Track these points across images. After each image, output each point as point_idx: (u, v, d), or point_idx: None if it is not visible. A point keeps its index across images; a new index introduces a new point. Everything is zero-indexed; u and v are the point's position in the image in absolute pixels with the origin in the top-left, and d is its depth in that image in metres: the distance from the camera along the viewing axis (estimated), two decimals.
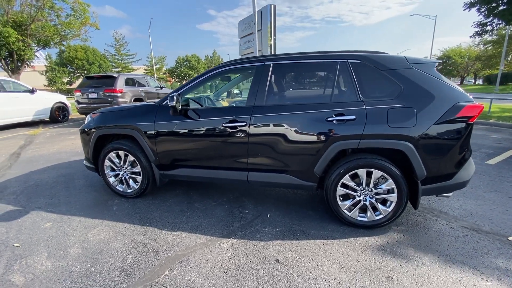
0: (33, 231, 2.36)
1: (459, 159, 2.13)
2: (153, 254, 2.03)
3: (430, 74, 2.15)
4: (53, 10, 15.50)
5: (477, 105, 2.06)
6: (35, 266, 1.90)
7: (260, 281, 1.73)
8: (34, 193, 3.21)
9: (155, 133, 2.67)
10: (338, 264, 1.90)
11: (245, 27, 14.81)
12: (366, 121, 2.14)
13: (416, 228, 2.35)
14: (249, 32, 14.19)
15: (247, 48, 14.77)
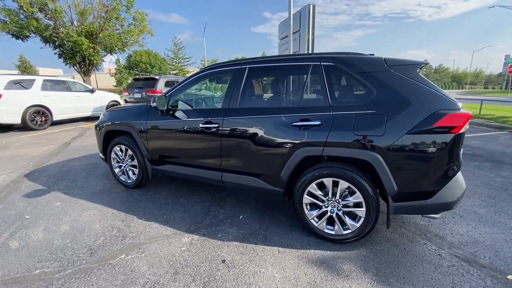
0: (45, 208, 2.84)
1: (440, 176, 1.84)
2: (121, 239, 2.25)
3: (410, 77, 1.90)
4: (118, 20, 17.85)
5: (462, 114, 1.75)
6: (31, 236, 2.30)
7: (196, 277, 1.79)
8: (62, 177, 3.82)
9: (146, 131, 2.94)
10: (282, 273, 1.84)
11: (285, 29, 14.77)
12: (331, 127, 2.01)
13: (393, 250, 2.11)
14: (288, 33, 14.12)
15: (286, 50, 14.72)
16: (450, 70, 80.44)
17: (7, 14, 12.88)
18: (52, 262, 1.95)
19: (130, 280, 1.77)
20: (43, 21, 14.24)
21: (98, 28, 15.96)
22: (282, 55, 2.41)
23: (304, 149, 2.11)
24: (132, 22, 18.48)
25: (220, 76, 2.59)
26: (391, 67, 1.96)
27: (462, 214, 2.68)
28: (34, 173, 3.99)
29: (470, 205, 2.87)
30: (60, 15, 14.59)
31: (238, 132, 2.39)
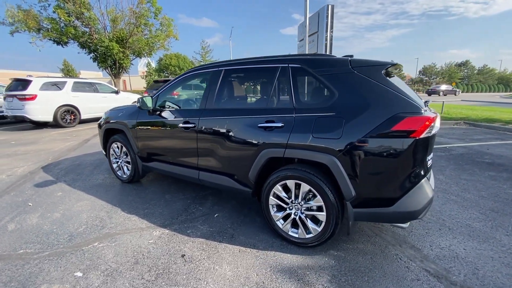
0: (47, 197, 3.15)
1: (400, 183, 1.74)
2: (100, 228, 2.44)
3: (373, 78, 1.83)
4: (147, 26, 18.97)
5: (422, 118, 1.64)
6: (27, 220, 2.58)
7: (152, 268, 1.89)
8: (71, 170, 4.19)
9: (135, 129, 3.14)
10: (234, 272, 1.87)
11: (303, 30, 14.62)
12: (292, 129, 2.00)
13: (358, 258, 2.03)
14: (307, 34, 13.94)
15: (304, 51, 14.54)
16: (496, 71, 73.34)
17: (49, 22, 14.41)
18: (35, 244, 2.18)
19: (93, 266, 1.92)
20: (80, 28, 15.67)
21: (127, 34, 17.14)
22: (256, 57, 2.44)
23: (268, 150, 2.12)
24: (159, 27, 19.52)
25: (201, 78, 2.69)
26: (355, 69, 1.90)
27: (452, 226, 2.49)
28: (50, 166, 4.42)
29: (465, 217, 2.64)
30: (95, 22, 15.94)
31: (212, 132, 2.47)
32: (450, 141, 6.32)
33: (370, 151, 1.73)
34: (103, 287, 1.72)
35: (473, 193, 3.24)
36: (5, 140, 6.81)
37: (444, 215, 2.70)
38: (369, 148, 1.73)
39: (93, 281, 1.77)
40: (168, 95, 3.06)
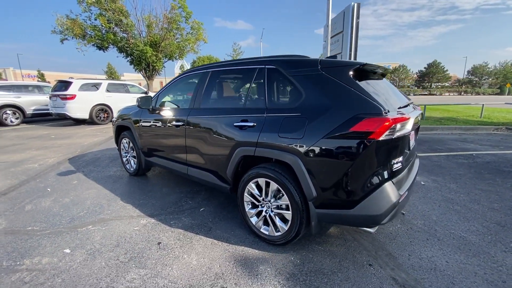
0: (64, 184, 3.57)
1: (360, 185, 1.70)
2: (97, 214, 2.72)
3: (338, 79, 1.81)
4: (178, 30, 20.03)
5: (381, 119, 1.59)
6: (42, 203, 2.97)
7: (128, 251, 2.08)
8: (91, 162, 4.66)
9: (139, 126, 3.42)
10: (199, 262, 1.97)
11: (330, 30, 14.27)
12: (262, 129, 2.05)
13: (325, 261, 2.01)
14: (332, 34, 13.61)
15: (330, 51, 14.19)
16: None
17: (92, 29, 16.02)
18: (41, 223, 2.52)
19: (81, 245, 2.17)
20: (119, 34, 17.14)
21: (160, 38, 18.31)
22: (239, 59, 2.53)
23: (241, 148, 2.20)
24: (190, 31, 20.48)
25: (194, 79, 2.85)
26: (324, 69, 1.89)
27: (443, 237, 2.32)
28: (75, 158, 4.96)
29: (462, 229, 2.45)
30: (131, 28, 17.31)
31: (197, 130, 2.61)
32: (480, 147, 5.75)
33: (329, 152, 1.72)
34: (83, 263, 1.94)
35: (484, 204, 2.96)
36: (47, 134, 7.75)
37: (439, 225, 2.52)
38: (328, 149, 1.72)
39: (77, 257, 2.01)
40: (166, 95, 3.28)
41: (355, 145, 1.65)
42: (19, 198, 3.11)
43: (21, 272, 1.85)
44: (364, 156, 1.64)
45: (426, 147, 5.88)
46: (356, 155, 1.65)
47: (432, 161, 4.70)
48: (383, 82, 2.29)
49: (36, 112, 10.35)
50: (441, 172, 4.10)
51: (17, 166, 4.43)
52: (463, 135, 7.54)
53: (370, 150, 1.62)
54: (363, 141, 1.62)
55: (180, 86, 3.20)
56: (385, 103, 1.79)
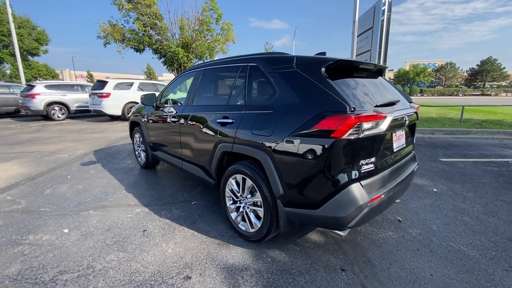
0: (82, 173, 3.97)
1: (323, 185, 1.64)
2: (101, 200, 2.98)
3: (310, 76, 1.76)
4: (209, 31, 20.69)
5: (342, 117, 1.51)
6: (59, 188, 3.35)
7: (116, 235, 2.26)
8: (111, 155, 5.09)
9: (146, 122, 3.65)
10: (174, 250, 2.07)
11: (359, 26, 13.63)
12: (239, 126, 2.08)
13: (296, 261, 1.97)
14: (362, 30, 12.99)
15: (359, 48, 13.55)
16: None
17: (130, 33, 17.34)
18: (53, 206, 2.84)
19: (78, 226, 2.41)
20: (154, 37, 18.31)
21: (191, 40, 19.11)
22: (229, 57, 2.57)
23: (222, 145, 2.25)
24: (220, 32, 21.02)
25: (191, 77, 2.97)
26: (298, 66, 1.86)
27: (437, 249, 2.13)
28: (99, 150, 5.46)
29: (463, 242, 2.21)
30: (165, 31, 18.34)
31: (189, 126, 2.73)
32: None
33: (295, 150, 1.69)
34: (75, 242, 2.16)
35: (501, 217, 2.63)
36: (84, 128, 8.61)
37: (437, 235, 2.31)
38: (293, 147, 1.69)
39: (72, 237, 2.24)
40: (168, 93, 3.46)
41: (318, 144, 1.60)
42: (43, 183, 3.54)
43: (23, 245, 2.12)
44: (327, 155, 1.58)
45: (453, 151, 5.35)
46: (319, 154, 1.60)
47: (455, 167, 4.27)
48: (375, 80, 2.17)
49: (79, 108, 11.54)
50: (462, 179, 3.71)
51: (51, 155, 5.02)
52: (505, 140, 6.68)
53: (333, 149, 1.56)
54: (326, 140, 1.56)
55: (180, 84, 3.35)
56: (360, 101, 1.70)
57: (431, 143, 6.20)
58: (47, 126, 9.30)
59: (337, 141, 1.54)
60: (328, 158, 1.59)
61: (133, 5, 16.57)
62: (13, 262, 1.92)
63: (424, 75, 59.44)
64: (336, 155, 1.57)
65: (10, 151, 5.37)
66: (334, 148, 1.55)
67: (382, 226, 2.48)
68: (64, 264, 1.90)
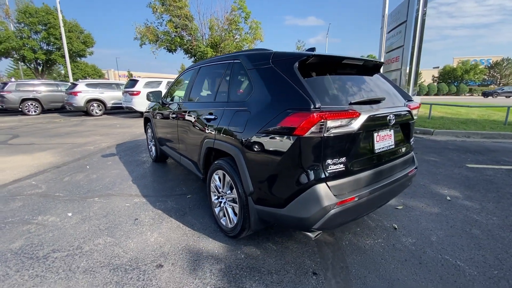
0: (100, 163, 4.33)
1: (288, 184, 1.59)
2: (107, 189, 3.24)
3: (283, 72, 1.72)
4: (238, 31, 21.00)
5: (306, 114, 1.45)
6: (76, 177, 3.70)
7: (110, 222, 2.44)
8: (130, 148, 5.47)
9: (154, 117, 3.86)
10: (156, 240, 2.18)
11: (392, 20, 12.75)
12: (219, 122, 2.11)
13: (269, 260, 1.94)
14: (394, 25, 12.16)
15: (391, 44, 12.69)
16: None
17: (163, 34, 18.35)
18: (66, 192, 3.16)
19: (81, 211, 2.65)
20: (185, 37, 19.12)
21: (220, 39, 19.58)
22: (222, 55, 2.60)
23: (206, 140, 2.30)
24: (248, 30, 21.21)
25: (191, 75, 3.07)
26: (273, 62, 1.82)
27: (427, 261, 1.94)
28: (121, 144, 5.90)
29: (462, 257, 1.99)
30: (195, 32, 19.05)
31: (184, 122, 2.83)
32: None
33: (262, 147, 1.67)
34: (73, 225, 2.39)
35: None
36: (114, 123, 9.35)
37: (434, 247, 2.11)
38: (261, 144, 1.68)
39: (72, 220, 2.48)
40: (172, 90, 3.62)
41: (281, 141, 1.56)
42: (65, 171, 3.95)
43: (31, 224, 2.40)
44: (290, 153, 1.54)
45: (486, 157, 4.77)
46: (283, 152, 1.56)
47: (482, 175, 3.81)
48: (368, 76, 2.06)
49: (114, 105, 12.54)
50: (486, 188, 3.31)
51: (79, 147, 5.55)
52: None
53: (296, 148, 1.51)
54: (289, 137, 1.52)
55: (181, 82, 3.48)
56: (333, 98, 1.63)
57: (463, 147, 5.60)
58: (85, 121, 10.28)
59: (300, 139, 1.49)
60: (291, 157, 1.54)
61: (166, 7, 17.47)
62: (19, 238, 2.18)
63: (474, 73, 53.48)
64: (299, 153, 1.52)
65: (48, 142, 6.05)
66: (296, 146, 1.50)
67: (374, 232, 2.33)
68: (59, 243, 2.11)
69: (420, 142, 6.10)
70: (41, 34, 21.02)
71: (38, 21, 20.17)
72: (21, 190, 3.20)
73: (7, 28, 19.50)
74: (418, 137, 6.78)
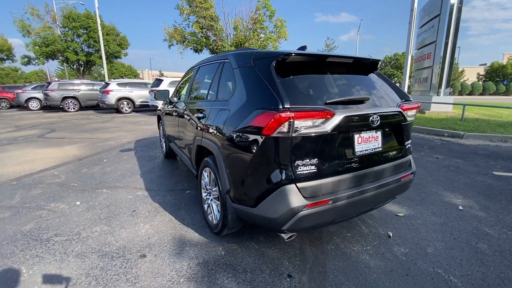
0: (117, 158, 4.64)
1: (258, 184, 1.58)
2: (116, 182, 3.47)
3: (261, 71, 1.71)
4: (262, 29, 21.02)
5: (273, 114, 1.42)
6: (93, 169, 4.02)
7: (110, 212, 2.63)
8: (147, 144, 5.78)
9: (163, 115, 4.05)
10: (147, 231, 2.30)
11: (424, 14, 11.88)
12: (207, 120, 2.16)
13: (247, 259, 1.95)
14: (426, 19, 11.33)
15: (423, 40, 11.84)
16: None
17: (190, 35, 19.01)
18: (80, 182, 3.45)
19: (88, 201, 2.88)
20: (211, 37, 19.62)
21: (244, 39, 19.78)
22: (217, 55, 2.65)
23: (197, 138, 2.37)
24: (273, 29, 21.13)
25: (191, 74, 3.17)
26: (254, 62, 1.82)
27: (415, 274, 1.82)
28: (140, 140, 6.26)
29: (457, 272, 1.83)
30: (221, 32, 19.45)
31: (183, 120, 2.93)
32: None
33: (236, 146, 1.70)
34: (78, 213, 2.61)
35: None
36: (140, 120, 9.92)
37: (427, 260, 1.96)
38: (235, 143, 1.70)
39: (79, 208, 2.71)
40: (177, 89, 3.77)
41: (252, 141, 1.56)
42: (84, 163, 4.30)
43: (43, 210, 2.67)
44: (259, 153, 1.54)
45: None
46: (253, 151, 1.56)
47: (509, 184, 3.43)
48: (359, 76, 1.98)
49: (142, 103, 13.30)
50: (510, 199, 2.98)
51: (102, 142, 6.01)
52: None
53: (264, 147, 1.50)
54: (259, 137, 1.52)
55: (186, 81, 3.61)
56: (309, 97, 1.59)
57: (494, 153, 5.06)
58: (115, 118, 11.04)
59: (267, 138, 1.48)
60: (260, 156, 1.54)
61: (192, 8, 18.06)
62: (31, 222, 2.44)
63: None
64: (267, 153, 1.51)
65: (78, 137, 6.63)
66: (265, 146, 1.50)
67: (365, 239, 2.22)
68: (62, 229, 2.33)
69: (445, 146, 5.63)
70: (83, 37, 22.97)
71: (80, 25, 22.07)
72: (43, 179, 3.56)
73: (53, 33, 21.60)
74: (445, 140, 6.26)
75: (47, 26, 21.55)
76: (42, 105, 14.75)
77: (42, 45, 21.09)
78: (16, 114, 12.69)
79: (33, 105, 14.90)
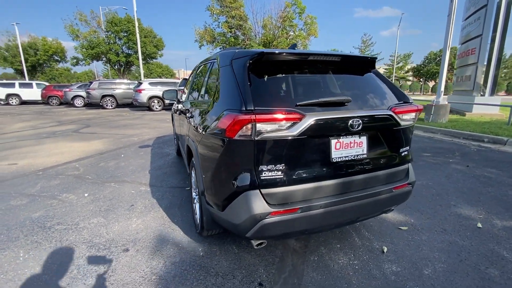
0: (134, 153, 4.93)
1: (223, 187, 1.54)
2: (125, 176, 3.68)
3: (236, 71, 1.66)
4: (292, 27, 20.72)
5: (233, 115, 1.37)
6: (109, 163, 4.31)
7: (111, 204, 2.79)
8: (164, 142, 6.04)
9: (174, 113, 4.19)
10: (138, 225, 2.39)
11: (470, 5, 10.66)
12: (193, 121, 2.17)
13: (223, 263, 1.93)
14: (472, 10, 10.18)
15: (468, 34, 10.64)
16: None
17: (219, 35, 19.46)
18: (93, 175, 3.72)
19: (95, 193, 3.10)
20: (239, 37, 19.86)
21: (272, 37, 19.67)
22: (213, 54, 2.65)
23: (186, 138, 2.40)
24: (303, 27, 20.72)
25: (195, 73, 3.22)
26: (232, 61, 1.77)
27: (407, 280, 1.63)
28: (161, 137, 6.56)
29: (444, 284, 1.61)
30: (249, 31, 19.58)
31: (183, 119, 3.00)
32: None
33: (207, 147, 1.69)
34: (83, 204, 2.81)
35: None
36: (166, 118, 10.41)
37: (420, 283, 1.76)
38: (206, 144, 1.70)
39: (85, 199, 2.92)
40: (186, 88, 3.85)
41: (218, 143, 1.53)
42: (104, 158, 4.64)
43: (55, 199, 2.93)
44: (223, 156, 1.50)
45: None
46: (219, 154, 1.53)
47: None
48: (353, 75, 1.84)
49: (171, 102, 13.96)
50: None
51: (126, 138, 6.42)
52: None
53: (227, 150, 1.46)
54: (223, 139, 1.48)
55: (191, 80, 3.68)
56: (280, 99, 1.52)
57: None
58: (145, 115, 11.75)
59: (230, 141, 1.43)
60: (224, 160, 1.50)
61: (223, 9, 18.46)
62: (41, 209, 2.70)
63: None
64: (231, 156, 1.47)
65: (106, 132, 7.17)
66: (228, 149, 1.46)
67: (354, 252, 2.06)
68: (64, 218, 2.53)
69: (480, 153, 5.00)
70: (123, 40, 24.86)
71: (121, 29, 23.90)
72: (64, 171, 3.91)
73: (98, 36, 23.72)
74: (483, 146, 5.55)
75: (92, 31, 23.71)
76: (85, 102, 16.26)
77: (88, 47, 23.29)
78: (62, 111, 14.18)
79: (77, 102, 16.51)
